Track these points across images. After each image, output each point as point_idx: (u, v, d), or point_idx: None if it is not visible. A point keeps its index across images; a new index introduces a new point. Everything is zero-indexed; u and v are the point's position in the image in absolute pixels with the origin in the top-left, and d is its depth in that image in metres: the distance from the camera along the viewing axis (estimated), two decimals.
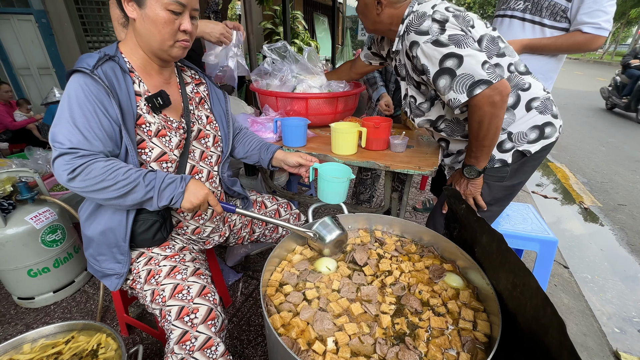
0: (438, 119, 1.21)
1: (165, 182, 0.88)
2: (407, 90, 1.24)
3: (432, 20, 0.99)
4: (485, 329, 0.73)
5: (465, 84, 0.96)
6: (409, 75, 1.19)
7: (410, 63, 1.12)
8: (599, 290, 2.04)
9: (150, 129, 0.95)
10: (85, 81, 0.85)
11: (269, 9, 5.62)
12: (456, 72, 0.97)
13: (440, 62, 0.98)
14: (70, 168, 0.80)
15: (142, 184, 0.86)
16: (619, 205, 3.14)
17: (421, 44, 1.00)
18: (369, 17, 1.17)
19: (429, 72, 1.03)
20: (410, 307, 0.80)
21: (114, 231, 0.96)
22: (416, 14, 1.03)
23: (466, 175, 1.15)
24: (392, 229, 1.11)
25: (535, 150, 1.13)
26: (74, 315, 1.65)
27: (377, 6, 1.12)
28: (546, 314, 0.56)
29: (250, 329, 1.55)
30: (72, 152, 0.81)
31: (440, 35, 0.98)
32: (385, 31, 1.20)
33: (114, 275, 1.00)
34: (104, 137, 0.85)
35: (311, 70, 1.67)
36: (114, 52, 0.94)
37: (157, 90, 0.98)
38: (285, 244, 0.98)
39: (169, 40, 0.91)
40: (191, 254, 1.06)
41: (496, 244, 0.77)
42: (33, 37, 4.82)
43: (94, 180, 0.82)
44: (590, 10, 1.41)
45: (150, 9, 0.86)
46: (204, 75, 1.21)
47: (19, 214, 1.55)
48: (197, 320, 0.85)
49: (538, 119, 1.12)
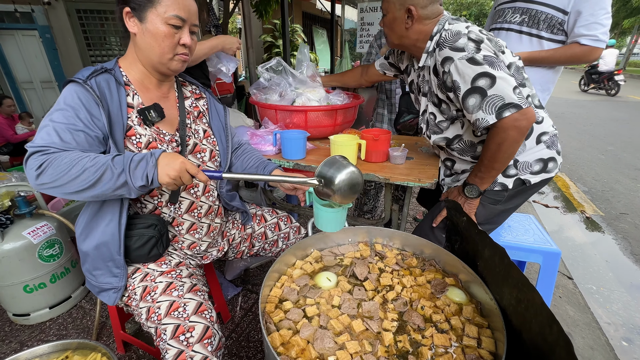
0: (455, 138, 1.20)
1: (135, 160, 0.81)
2: (428, 106, 1.23)
3: (468, 39, 1.00)
4: (490, 346, 0.71)
5: (495, 105, 0.96)
6: (431, 92, 1.19)
7: (437, 79, 1.12)
8: (604, 302, 2.00)
9: (140, 140, 0.95)
10: (75, 89, 0.86)
11: (269, 22, 5.73)
12: (487, 92, 0.97)
13: (473, 80, 0.98)
14: (38, 164, 0.77)
15: (110, 168, 0.79)
16: (621, 214, 3.12)
17: (456, 60, 1.00)
18: (397, 31, 1.17)
19: (459, 90, 1.02)
20: (412, 324, 0.78)
21: (108, 245, 0.94)
22: (449, 31, 1.04)
23: (466, 194, 1.15)
24: (392, 242, 1.10)
25: (535, 181, 1.16)
26: (70, 332, 1.61)
27: (407, 20, 1.12)
28: (552, 331, 0.55)
29: (250, 345, 1.51)
30: (42, 149, 0.79)
31: (475, 53, 0.98)
32: (410, 46, 1.20)
33: (112, 289, 0.98)
34: (81, 140, 0.83)
35: (309, 83, 1.68)
36: (112, 66, 0.95)
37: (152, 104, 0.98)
38: (285, 258, 0.96)
39: (168, 54, 0.92)
40: (188, 270, 1.04)
41: (498, 258, 0.76)
42: (37, 52, 4.90)
43: (60, 170, 0.77)
44: (588, 23, 1.43)
45: (150, 24, 0.88)
46: (204, 89, 1.21)
47: (17, 229, 1.53)
48: (193, 339, 0.83)
49: (544, 153, 1.15)
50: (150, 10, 0.88)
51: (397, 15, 1.13)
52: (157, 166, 0.81)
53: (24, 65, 4.91)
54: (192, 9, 0.93)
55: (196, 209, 1.08)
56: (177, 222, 1.07)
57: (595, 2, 1.41)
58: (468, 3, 25.99)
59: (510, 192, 1.18)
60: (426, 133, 1.29)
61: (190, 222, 1.09)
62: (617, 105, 9.03)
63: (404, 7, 1.10)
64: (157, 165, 0.81)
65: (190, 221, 1.09)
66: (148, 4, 0.87)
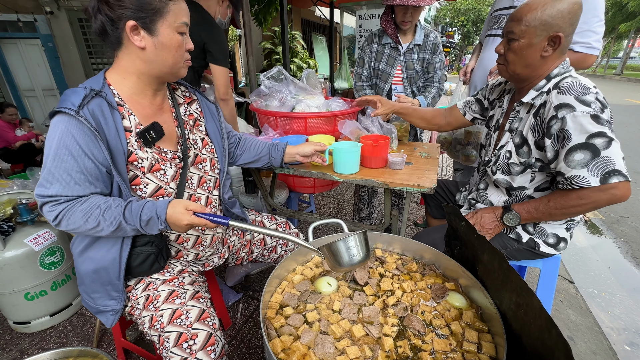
0: (518, 189, 1.17)
1: (144, 220, 0.86)
2: (508, 143, 1.17)
3: (596, 99, 0.96)
4: (490, 351, 0.72)
5: (603, 169, 0.93)
6: (519, 131, 1.13)
7: (535, 121, 1.07)
8: (606, 306, 2.00)
9: (142, 165, 0.92)
10: (68, 126, 0.79)
11: (268, 29, 5.80)
12: (601, 152, 0.92)
13: (589, 136, 0.93)
14: (52, 215, 0.82)
15: (124, 224, 0.85)
16: (621, 217, 3.12)
17: (578, 111, 0.95)
18: (527, 58, 1.05)
19: (568, 140, 0.96)
20: (413, 329, 0.78)
21: (107, 270, 0.93)
22: (577, 81, 1.00)
23: (504, 222, 1.15)
24: (392, 247, 1.10)
25: (542, 250, 1.18)
26: (70, 339, 1.61)
27: (547, 48, 1.02)
28: (551, 336, 0.55)
29: (251, 352, 1.51)
30: (51, 200, 0.82)
31: (600, 113, 0.94)
32: (526, 78, 1.10)
33: (109, 311, 0.97)
34: (85, 181, 0.83)
35: (309, 91, 1.70)
36: (101, 84, 0.88)
37: (149, 122, 0.93)
38: (285, 264, 0.97)
39: (180, 62, 0.92)
40: (190, 277, 1.05)
41: (497, 262, 0.76)
42: (39, 60, 4.96)
43: (75, 223, 0.83)
44: (581, 31, 1.45)
45: (163, 35, 0.85)
46: (194, 90, 1.17)
47: (18, 236, 1.54)
48: (196, 346, 0.83)
49: (562, 232, 1.17)
50: (160, 21, 0.84)
51: (534, 42, 1.02)
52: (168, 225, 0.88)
53: (26, 73, 4.96)
54: (189, 12, 0.92)
55: None
56: (183, 239, 1.07)
57: (588, 9, 1.44)
58: (465, 9, 26.27)
59: (519, 246, 1.20)
60: (492, 167, 1.23)
61: (195, 237, 1.09)
62: (615, 108, 9.08)
63: (547, 34, 1.00)
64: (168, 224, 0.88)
65: (195, 235, 1.09)
66: (157, 15, 0.83)
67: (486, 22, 2.00)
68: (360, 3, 5.07)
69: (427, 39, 1.94)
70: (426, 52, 1.96)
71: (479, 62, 2.02)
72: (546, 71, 1.07)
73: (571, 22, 0.99)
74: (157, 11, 0.83)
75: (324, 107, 1.70)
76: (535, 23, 1.00)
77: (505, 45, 1.09)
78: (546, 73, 1.07)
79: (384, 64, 2.01)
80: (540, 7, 0.99)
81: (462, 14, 26.82)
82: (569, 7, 0.98)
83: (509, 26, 1.06)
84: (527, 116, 1.11)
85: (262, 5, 4.93)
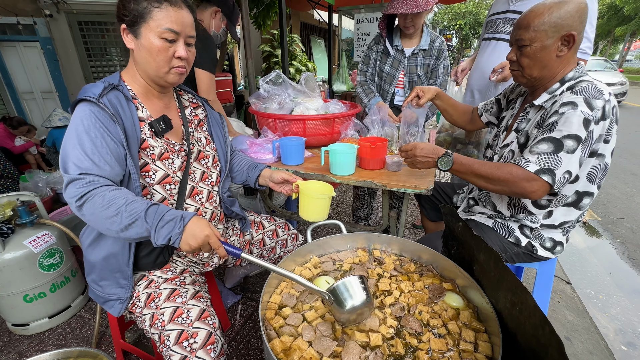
0: None
1: (164, 220, 0.82)
2: (512, 143, 1.18)
3: (603, 107, 0.96)
4: (487, 350, 0.73)
5: (547, 164, 0.96)
6: (524, 131, 1.14)
7: (540, 119, 1.07)
8: (603, 306, 2.01)
9: (153, 152, 0.98)
10: (91, 109, 0.87)
11: (267, 33, 5.82)
12: (560, 152, 0.95)
13: (566, 136, 0.96)
14: (79, 194, 0.81)
15: (142, 219, 0.81)
16: (618, 218, 3.14)
17: (578, 111, 0.95)
18: (543, 60, 1.05)
19: (548, 131, 0.99)
20: (410, 329, 0.79)
21: (117, 256, 0.96)
22: (593, 85, 0.99)
23: (438, 163, 1.15)
24: (390, 247, 1.11)
25: (539, 253, 1.20)
26: (69, 341, 1.61)
27: (562, 47, 1.02)
28: (545, 333, 0.56)
29: (250, 353, 1.51)
30: (80, 177, 0.82)
31: (594, 121, 0.95)
32: (543, 79, 1.09)
33: (117, 300, 0.99)
34: (112, 161, 0.87)
35: (308, 93, 1.72)
36: (117, 80, 0.97)
37: (159, 115, 1.01)
38: (284, 265, 0.97)
39: (164, 67, 0.94)
40: (191, 277, 1.06)
41: (493, 262, 0.78)
42: (38, 63, 4.96)
43: (97, 209, 0.81)
44: None
45: (144, 39, 0.90)
46: (200, 98, 1.24)
47: (18, 238, 1.54)
48: (197, 345, 0.84)
49: (558, 237, 1.19)
50: (143, 25, 0.89)
51: (546, 44, 1.02)
52: (183, 232, 0.82)
53: (25, 76, 4.96)
54: (186, 21, 0.93)
55: (201, 215, 1.11)
56: None
57: None
58: (463, 12, 26.48)
59: (518, 250, 1.22)
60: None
61: None
62: None
63: (559, 34, 1.00)
64: (184, 231, 0.82)
65: None
66: (141, 20, 0.89)
67: (483, 26, 2.03)
68: (358, 7, 5.10)
69: (433, 44, 1.94)
70: (431, 58, 1.96)
71: (475, 65, 2.04)
72: (563, 72, 1.07)
73: (581, 20, 1.00)
74: (140, 16, 0.89)
75: (322, 109, 1.72)
76: (545, 27, 1.00)
77: (517, 52, 1.09)
78: (562, 74, 1.07)
79: (389, 67, 2.02)
80: (546, 11, 1.00)
81: (459, 17, 27.02)
82: (576, 7, 0.99)
83: (517, 34, 1.06)
84: (535, 117, 1.12)
85: (261, 8, 4.97)
